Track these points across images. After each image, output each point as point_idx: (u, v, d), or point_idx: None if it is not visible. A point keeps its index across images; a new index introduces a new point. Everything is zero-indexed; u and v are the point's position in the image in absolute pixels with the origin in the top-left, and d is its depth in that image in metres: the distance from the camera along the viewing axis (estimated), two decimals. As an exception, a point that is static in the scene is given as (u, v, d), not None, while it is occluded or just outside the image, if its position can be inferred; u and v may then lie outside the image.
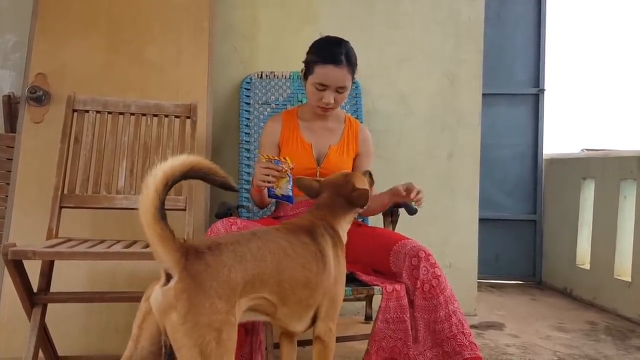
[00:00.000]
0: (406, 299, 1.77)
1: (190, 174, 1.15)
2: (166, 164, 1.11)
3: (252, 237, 1.31)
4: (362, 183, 1.69)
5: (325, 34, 2.10)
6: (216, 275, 1.15)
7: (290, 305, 1.35)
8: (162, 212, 1.10)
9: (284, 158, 1.85)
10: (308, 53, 2.04)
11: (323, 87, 1.97)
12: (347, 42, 2.02)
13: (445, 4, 3.01)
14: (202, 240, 1.26)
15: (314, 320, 1.47)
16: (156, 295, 1.12)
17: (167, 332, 1.11)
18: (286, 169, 1.83)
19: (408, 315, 1.76)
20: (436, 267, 1.78)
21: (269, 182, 1.82)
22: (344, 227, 1.63)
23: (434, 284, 1.76)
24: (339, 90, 1.99)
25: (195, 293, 1.11)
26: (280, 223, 1.55)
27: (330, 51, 1.96)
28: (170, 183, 1.11)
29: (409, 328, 1.75)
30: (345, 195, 1.62)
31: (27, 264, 1.74)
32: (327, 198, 1.64)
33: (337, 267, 1.49)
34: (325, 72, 1.95)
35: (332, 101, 1.99)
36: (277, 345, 1.66)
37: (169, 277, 1.13)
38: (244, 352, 1.70)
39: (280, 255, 1.33)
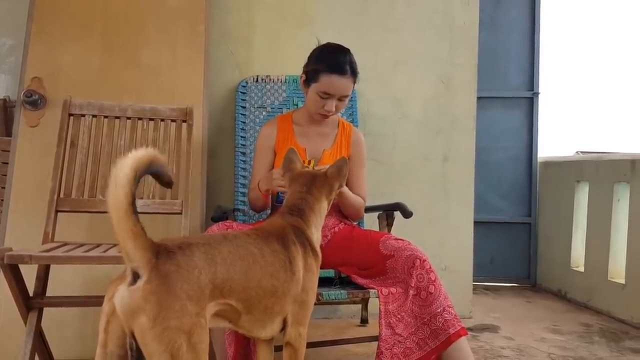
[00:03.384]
0: (402, 300, 1.79)
1: (151, 168, 1.10)
2: (131, 158, 1.05)
3: (223, 240, 1.27)
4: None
5: (320, 38, 2.10)
6: (187, 277, 1.10)
7: (254, 314, 1.30)
8: (134, 207, 1.05)
9: (309, 162, 1.86)
10: (311, 60, 2.04)
11: (327, 95, 1.99)
12: (349, 50, 2.04)
13: (440, 9, 3.03)
14: (172, 239, 1.19)
15: (283, 326, 1.43)
16: (122, 295, 1.07)
17: (134, 334, 1.06)
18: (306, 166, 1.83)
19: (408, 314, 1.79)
20: (431, 272, 1.80)
21: (283, 187, 1.79)
22: (317, 224, 1.60)
23: (431, 291, 1.78)
24: (342, 98, 2.02)
25: (165, 295, 1.06)
26: (251, 228, 1.53)
27: (336, 61, 1.98)
28: (139, 176, 1.05)
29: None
30: (321, 182, 1.61)
31: (23, 268, 1.74)
32: (298, 197, 1.59)
33: (307, 275, 1.45)
34: (330, 82, 1.96)
35: (334, 109, 2.02)
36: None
37: (135, 277, 1.07)
38: (240, 353, 1.71)
39: (250, 262, 1.28)
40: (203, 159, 2.52)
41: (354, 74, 2.01)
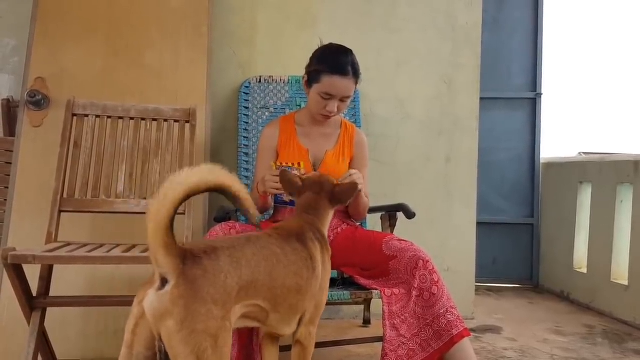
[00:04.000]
0: (406, 301, 1.79)
1: (215, 190, 1.13)
2: (194, 177, 1.08)
3: (246, 242, 1.29)
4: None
5: (323, 38, 2.10)
6: (213, 281, 1.13)
7: (281, 312, 1.34)
8: (172, 223, 1.08)
9: (298, 164, 1.86)
10: (313, 61, 2.04)
11: (329, 96, 1.98)
12: (352, 51, 2.03)
13: (442, 9, 3.02)
14: (197, 243, 1.22)
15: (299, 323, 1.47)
16: (151, 300, 1.10)
17: (162, 337, 1.09)
18: (298, 175, 1.83)
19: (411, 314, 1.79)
20: (434, 273, 1.80)
21: (278, 190, 1.82)
22: (326, 225, 1.65)
23: (434, 292, 1.79)
24: (343, 99, 2.01)
25: (192, 299, 1.09)
26: (271, 228, 1.55)
27: (338, 61, 1.97)
28: (191, 195, 1.09)
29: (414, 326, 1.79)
30: (328, 193, 1.65)
31: (26, 268, 1.74)
32: (311, 199, 1.64)
33: (323, 272, 1.50)
34: (332, 82, 1.96)
35: (336, 110, 2.01)
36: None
37: (164, 282, 1.10)
38: (243, 353, 1.71)
39: (274, 262, 1.31)
40: (206, 160, 2.52)
41: (356, 75, 2.00)
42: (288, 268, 1.35)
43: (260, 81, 2.74)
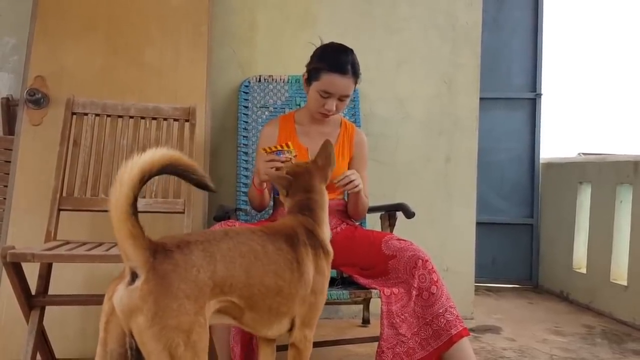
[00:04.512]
0: (406, 300, 1.79)
1: (167, 169, 1.11)
2: (144, 158, 1.06)
3: (223, 236, 1.26)
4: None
5: (323, 38, 2.11)
6: (185, 276, 1.10)
7: (258, 312, 1.30)
8: (134, 208, 1.06)
9: (286, 145, 1.84)
10: (313, 59, 2.04)
11: (327, 94, 1.98)
12: (351, 50, 2.03)
13: (442, 9, 3.02)
14: (172, 237, 1.19)
15: (291, 326, 1.43)
16: (120, 295, 1.08)
17: (133, 333, 1.07)
18: (290, 157, 1.81)
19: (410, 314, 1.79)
20: (434, 272, 1.80)
21: (270, 175, 1.76)
22: (326, 220, 1.58)
23: (433, 291, 1.79)
24: (342, 98, 2.01)
25: (163, 294, 1.06)
26: (260, 225, 1.53)
27: (337, 60, 1.97)
28: (147, 178, 1.07)
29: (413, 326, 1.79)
30: (313, 171, 1.58)
31: (25, 266, 1.74)
32: (303, 197, 1.56)
33: (317, 277, 1.44)
34: (331, 80, 1.96)
35: (334, 108, 2.01)
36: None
37: (134, 276, 1.08)
38: (244, 352, 1.71)
39: (251, 258, 1.27)
40: (205, 159, 2.52)
41: (355, 74, 2.00)
42: (267, 267, 1.30)
43: (259, 80, 2.74)
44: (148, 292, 1.06)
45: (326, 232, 1.56)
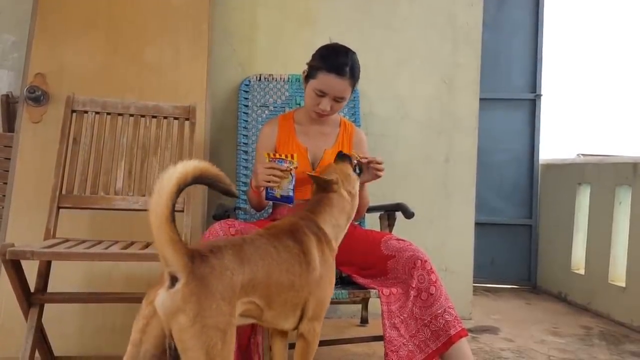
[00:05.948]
0: (403, 301, 1.79)
1: (199, 179, 1.18)
2: (179, 169, 1.13)
3: (243, 242, 1.34)
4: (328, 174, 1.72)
5: (323, 37, 2.11)
6: (221, 278, 1.18)
7: (275, 308, 1.38)
8: (172, 216, 1.11)
9: (291, 156, 1.84)
10: (314, 57, 2.03)
11: (322, 94, 1.97)
12: (353, 53, 2.01)
13: (443, 9, 3.02)
14: (202, 244, 1.28)
15: (302, 317, 1.49)
16: (162, 298, 1.13)
17: (172, 334, 1.12)
18: (291, 168, 1.81)
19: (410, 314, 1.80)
20: (432, 273, 1.80)
21: (271, 183, 1.79)
22: (330, 222, 1.63)
23: (432, 292, 1.79)
24: (337, 99, 1.99)
25: (203, 295, 1.13)
26: (263, 228, 1.54)
27: (335, 60, 1.95)
28: (182, 188, 1.13)
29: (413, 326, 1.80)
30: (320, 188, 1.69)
31: (24, 264, 1.74)
32: (312, 197, 1.71)
33: (322, 264, 1.51)
34: (326, 80, 1.95)
35: (329, 109, 1.99)
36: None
37: (173, 280, 1.14)
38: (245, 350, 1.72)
39: (268, 260, 1.35)
40: (205, 157, 2.51)
41: (353, 77, 1.98)
42: (281, 266, 1.38)
43: (260, 79, 2.74)
44: (189, 294, 1.12)
45: (331, 232, 1.62)
